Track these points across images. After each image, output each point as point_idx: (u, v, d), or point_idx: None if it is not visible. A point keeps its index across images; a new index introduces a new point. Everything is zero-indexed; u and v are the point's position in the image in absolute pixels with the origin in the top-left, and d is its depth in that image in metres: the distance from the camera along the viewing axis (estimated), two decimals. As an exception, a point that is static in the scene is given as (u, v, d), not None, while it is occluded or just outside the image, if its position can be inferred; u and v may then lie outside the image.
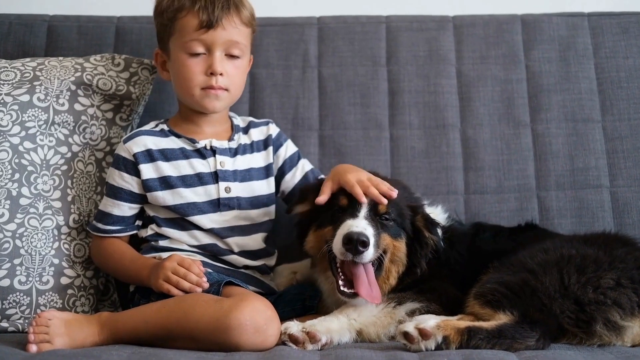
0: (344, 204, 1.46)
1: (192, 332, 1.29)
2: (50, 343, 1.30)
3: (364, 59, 1.95)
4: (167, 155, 1.59)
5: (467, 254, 1.55)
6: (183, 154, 1.60)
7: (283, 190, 1.71)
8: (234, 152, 1.64)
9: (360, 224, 1.40)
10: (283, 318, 1.38)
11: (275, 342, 1.32)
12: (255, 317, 1.28)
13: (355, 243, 1.35)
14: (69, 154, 1.67)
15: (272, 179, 1.68)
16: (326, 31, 1.97)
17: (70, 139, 1.68)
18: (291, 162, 1.71)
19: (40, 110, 1.66)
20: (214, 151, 1.61)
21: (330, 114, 1.91)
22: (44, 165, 1.64)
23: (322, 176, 1.71)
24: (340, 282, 1.41)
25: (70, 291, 1.61)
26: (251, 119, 1.75)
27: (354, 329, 1.38)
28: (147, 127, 1.65)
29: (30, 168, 1.63)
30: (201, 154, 1.61)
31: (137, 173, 1.57)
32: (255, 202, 1.63)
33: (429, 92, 1.91)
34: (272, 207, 1.67)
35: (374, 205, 1.45)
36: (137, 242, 1.65)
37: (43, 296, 1.58)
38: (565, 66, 1.91)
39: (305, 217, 1.55)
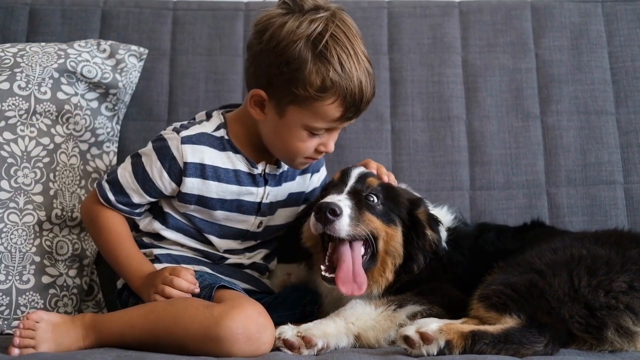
0: (336, 177, 1.48)
1: (181, 340, 1.25)
2: (34, 349, 1.25)
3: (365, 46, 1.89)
4: (219, 176, 1.47)
5: (471, 254, 1.52)
6: (236, 179, 1.48)
7: None
8: (278, 180, 1.55)
9: (336, 197, 1.39)
10: (281, 323, 1.33)
11: (270, 349, 1.28)
12: (247, 325, 1.24)
13: (324, 210, 1.33)
14: (52, 146, 1.63)
15: (298, 209, 1.60)
16: (325, 17, 1.92)
17: (52, 130, 1.64)
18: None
19: (20, 98, 1.61)
20: (266, 180, 1.51)
21: (328, 104, 1.87)
22: (25, 157, 1.59)
23: None
24: (323, 267, 1.39)
25: (52, 291, 1.57)
26: None
27: (352, 333, 1.33)
28: (208, 129, 1.48)
29: (10, 160, 1.58)
30: (255, 181, 1.50)
31: (178, 181, 1.45)
32: (275, 231, 1.59)
33: (433, 82, 1.87)
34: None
35: (361, 184, 1.45)
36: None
37: (23, 296, 1.53)
38: (578, 55, 1.88)
39: (303, 215, 1.54)
